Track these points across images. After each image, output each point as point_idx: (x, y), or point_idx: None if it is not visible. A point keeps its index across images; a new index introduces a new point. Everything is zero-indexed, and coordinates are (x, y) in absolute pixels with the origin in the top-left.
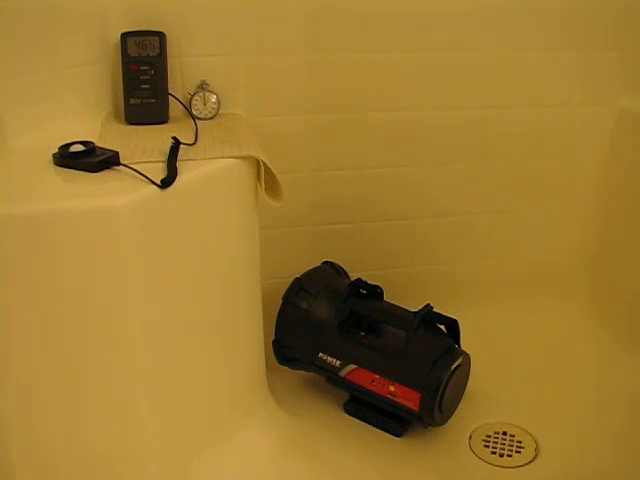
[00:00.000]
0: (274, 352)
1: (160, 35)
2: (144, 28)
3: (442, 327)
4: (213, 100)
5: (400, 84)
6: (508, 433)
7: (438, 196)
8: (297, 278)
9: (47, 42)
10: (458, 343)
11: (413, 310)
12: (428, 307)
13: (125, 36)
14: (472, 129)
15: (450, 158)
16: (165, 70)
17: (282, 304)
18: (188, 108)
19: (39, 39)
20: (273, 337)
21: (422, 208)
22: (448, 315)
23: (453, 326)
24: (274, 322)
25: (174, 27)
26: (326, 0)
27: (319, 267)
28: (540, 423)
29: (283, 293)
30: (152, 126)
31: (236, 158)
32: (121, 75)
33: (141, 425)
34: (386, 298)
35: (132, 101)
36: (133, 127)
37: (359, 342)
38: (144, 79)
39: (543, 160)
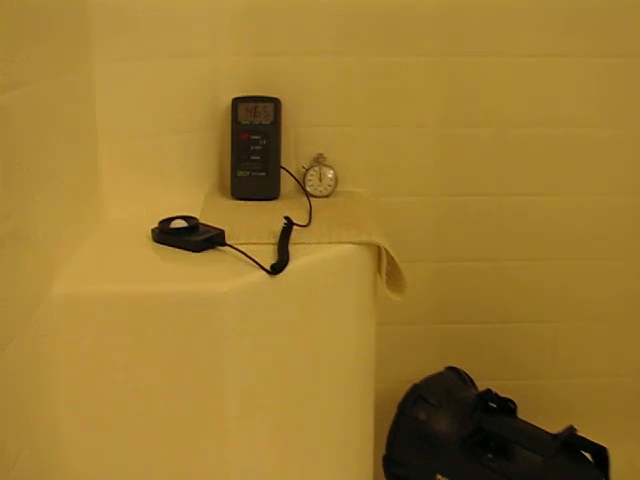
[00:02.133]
0: (384, 469)
1: (275, 102)
2: (258, 94)
3: (587, 455)
4: (330, 176)
5: (539, 168)
6: None
7: (584, 296)
8: (416, 385)
9: (155, 106)
10: (607, 476)
11: (552, 432)
12: (571, 429)
13: (237, 101)
14: (623, 219)
15: (601, 252)
16: (278, 140)
17: (397, 414)
18: (302, 184)
19: (147, 103)
20: (384, 452)
21: (565, 309)
22: (595, 441)
23: (601, 455)
24: (386, 434)
25: (290, 93)
26: (458, 76)
27: (442, 373)
28: None
29: (399, 401)
30: (261, 202)
31: (355, 244)
32: (229, 144)
33: None
34: (520, 415)
35: (240, 173)
36: (240, 202)
37: (485, 465)
38: (255, 149)
39: None
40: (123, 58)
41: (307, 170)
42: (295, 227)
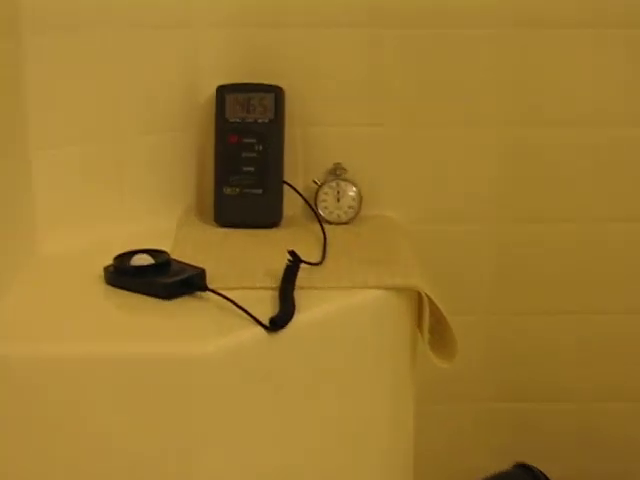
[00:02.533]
0: None
1: (276, 92)
2: (252, 80)
3: None
4: (352, 194)
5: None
6: None
7: None
8: None
9: (107, 97)
10: None
11: None
12: None
13: (223, 91)
14: None
15: None
16: (281, 145)
17: None
18: (313, 206)
19: (96, 94)
20: None
21: None
22: None
23: None
24: None
25: (297, 80)
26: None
27: (509, 473)
28: None
29: None
30: (256, 231)
31: (386, 289)
32: (212, 150)
33: None
34: None
35: (227, 190)
36: (227, 231)
37: None
38: (248, 157)
39: None
40: (59, 27)
41: (320, 186)
42: (303, 266)
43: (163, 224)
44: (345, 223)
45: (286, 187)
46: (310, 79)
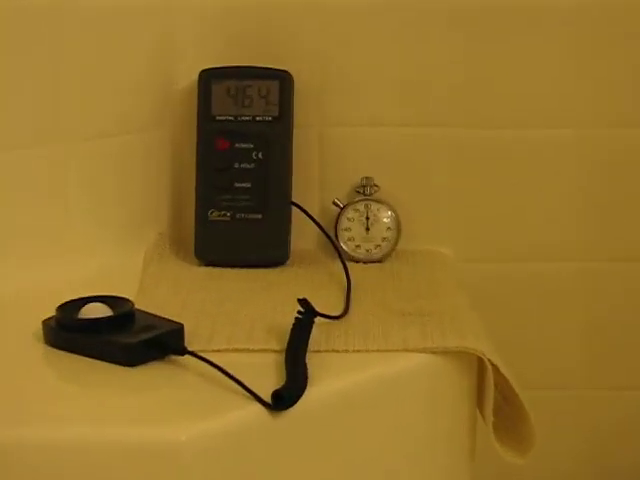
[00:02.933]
0: None
1: (281, 78)
2: (249, 63)
3: None
4: (386, 221)
5: None
6: None
7: None
8: None
9: (46, 84)
10: None
11: None
12: None
13: (208, 77)
14: None
15: None
16: (288, 152)
17: None
18: (332, 237)
19: (35, 79)
20: None
21: None
22: None
23: None
24: None
25: (312, 63)
26: None
27: None
28: None
29: None
30: (254, 271)
31: (433, 353)
32: (193, 158)
33: None
34: None
35: (214, 215)
36: (213, 270)
37: None
38: (243, 169)
39: None
40: None
41: (343, 209)
42: (319, 320)
43: (125, 260)
44: (377, 261)
45: (295, 210)
46: (328, 62)
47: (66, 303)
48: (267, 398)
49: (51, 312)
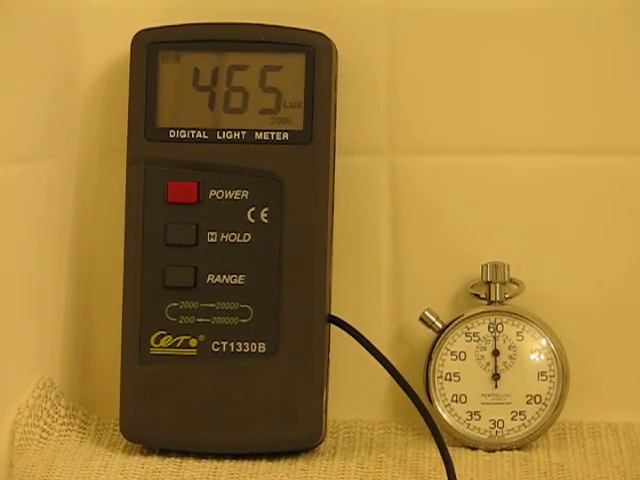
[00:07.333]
0: None
1: (310, 50)
2: (242, 19)
3: None
4: (535, 356)
5: None
6: None
7: None
8: None
9: None
10: None
11: None
12: None
13: (155, 48)
14: None
15: None
16: (323, 209)
17: None
18: (415, 393)
19: None
20: None
21: None
22: None
23: None
24: None
25: (366, 34)
26: None
27: None
28: None
29: None
30: (249, 464)
31: None
32: (119, 223)
33: None
34: None
35: (162, 344)
36: (161, 462)
37: None
38: (224, 246)
39: None
40: None
41: (442, 333)
42: None
43: None
44: (516, 448)
45: (339, 335)
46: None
47: None
48: None
49: None
